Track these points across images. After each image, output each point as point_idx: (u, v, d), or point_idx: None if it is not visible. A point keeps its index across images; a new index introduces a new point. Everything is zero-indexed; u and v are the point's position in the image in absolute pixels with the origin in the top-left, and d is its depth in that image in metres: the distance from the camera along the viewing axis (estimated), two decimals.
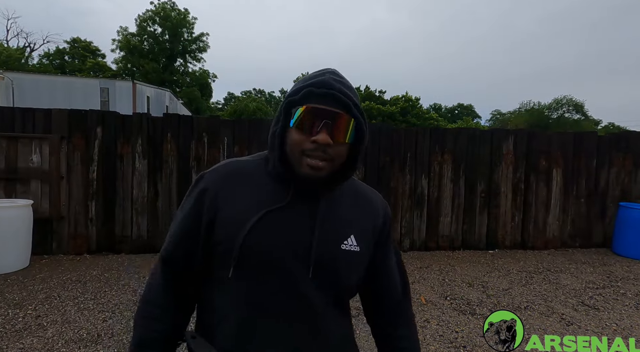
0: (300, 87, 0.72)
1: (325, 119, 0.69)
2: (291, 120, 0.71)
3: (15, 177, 4.27)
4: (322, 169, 0.71)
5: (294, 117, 0.71)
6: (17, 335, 2.62)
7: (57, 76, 18.23)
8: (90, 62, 30.41)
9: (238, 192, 0.76)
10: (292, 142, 0.72)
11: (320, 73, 0.75)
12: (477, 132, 5.30)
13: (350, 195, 0.83)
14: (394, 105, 32.77)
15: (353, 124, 0.72)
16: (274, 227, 0.73)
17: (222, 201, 0.75)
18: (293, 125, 0.71)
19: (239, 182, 0.78)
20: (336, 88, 0.71)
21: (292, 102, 0.72)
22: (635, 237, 4.91)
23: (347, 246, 0.77)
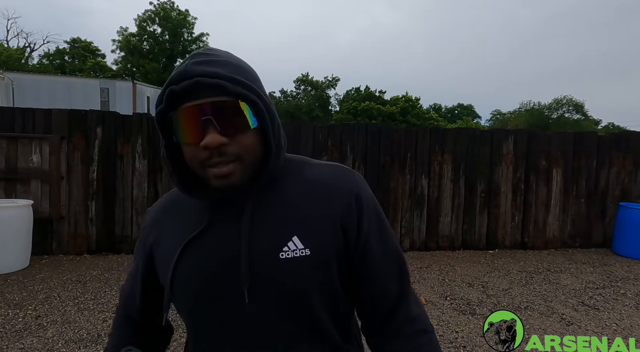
0: (161, 92, 0.57)
1: (204, 115, 0.54)
2: (174, 136, 0.58)
3: (15, 177, 4.27)
4: (232, 174, 0.57)
5: (174, 129, 0.57)
6: (17, 335, 2.62)
7: (57, 76, 18.24)
8: (90, 62, 30.42)
9: (167, 227, 0.69)
10: (187, 158, 0.59)
11: (180, 65, 0.58)
12: (477, 132, 5.30)
13: (297, 185, 0.65)
14: (394, 105, 32.78)
15: (242, 105, 0.56)
16: (197, 258, 0.61)
17: (154, 240, 0.69)
18: (177, 138, 0.57)
19: (169, 214, 0.70)
20: (198, 72, 0.54)
21: (162, 113, 0.57)
22: (635, 237, 4.90)
23: (288, 253, 0.59)
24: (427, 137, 5.11)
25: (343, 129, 5.00)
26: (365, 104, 31.96)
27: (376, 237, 0.67)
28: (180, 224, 0.67)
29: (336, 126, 5.08)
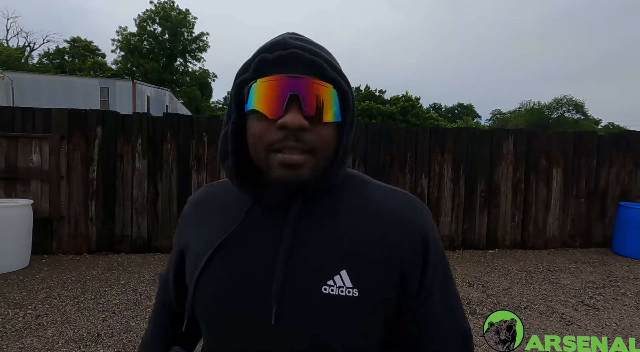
0: (250, 59, 0.52)
1: (292, 90, 0.47)
2: (246, 105, 0.50)
3: (15, 177, 4.27)
4: (302, 166, 0.48)
5: (250, 96, 0.49)
6: (17, 335, 2.62)
7: (57, 76, 18.23)
8: (89, 62, 30.41)
9: (202, 223, 0.61)
10: (252, 136, 0.50)
11: (275, 37, 0.54)
12: (477, 132, 5.29)
13: (356, 207, 0.55)
14: (394, 105, 32.77)
15: (334, 93, 0.50)
16: (225, 265, 0.54)
17: (186, 238, 0.64)
18: (249, 110, 0.50)
19: (206, 209, 0.63)
20: (296, 45, 0.49)
21: (244, 82, 0.51)
22: (635, 237, 4.90)
23: (332, 288, 0.49)
24: (427, 137, 5.11)
25: None
26: (365, 103, 31.96)
27: (441, 292, 0.55)
28: (217, 222, 0.58)
29: None
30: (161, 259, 4.41)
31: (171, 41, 31.79)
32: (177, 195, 4.64)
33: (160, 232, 4.63)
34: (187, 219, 0.66)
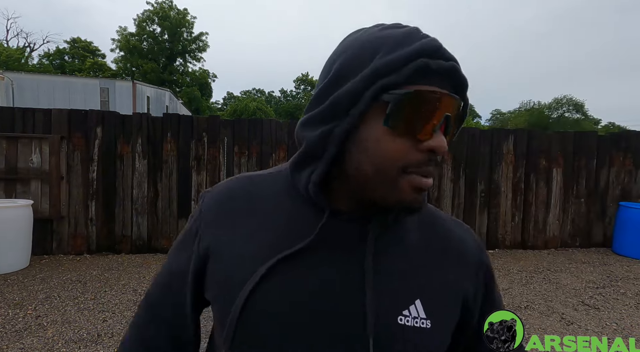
0: (399, 57, 0.41)
1: (447, 111, 0.42)
2: (386, 117, 0.41)
3: (15, 177, 4.27)
4: (427, 190, 0.45)
5: (394, 108, 0.41)
6: (17, 335, 2.62)
7: (57, 76, 18.22)
8: (89, 62, 30.42)
9: (240, 227, 0.50)
10: (384, 155, 0.42)
11: (408, 30, 0.44)
12: (477, 132, 5.29)
13: (425, 237, 0.52)
14: None
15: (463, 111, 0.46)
16: (292, 287, 0.46)
17: (215, 241, 0.51)
18: (391, 124, 0.41)
19: (243, 210, 0.51)
20: (454, 58, 0.43)
21: (390, 84, 0.41)
22: (635, 237, 4.91)
23: (408, 319, 0.46)
24: None
25: None
26: None
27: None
28: (264, 228, 0.49)
29: None
30: (161, 259, 4.41)
31: (170, 41, 31.81)
32: (177, 195, 4.64)
33: (160, 232, 4.63)
34: (215, 217, 0.52)
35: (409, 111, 0.40)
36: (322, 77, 0.47)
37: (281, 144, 4.82)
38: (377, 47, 0.42)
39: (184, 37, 32.46)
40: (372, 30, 0.45)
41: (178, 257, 0.55)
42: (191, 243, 0.53)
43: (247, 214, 0.51)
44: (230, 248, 0.49)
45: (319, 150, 0.45)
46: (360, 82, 0.41)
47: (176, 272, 0.55)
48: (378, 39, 0.43)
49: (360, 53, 0.43)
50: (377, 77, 0.41)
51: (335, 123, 0.43)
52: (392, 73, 0.40)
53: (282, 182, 0.52)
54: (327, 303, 0.45)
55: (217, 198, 0.54)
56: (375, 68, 0.41)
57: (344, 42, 0.47)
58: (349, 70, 0.43)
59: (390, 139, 0.41)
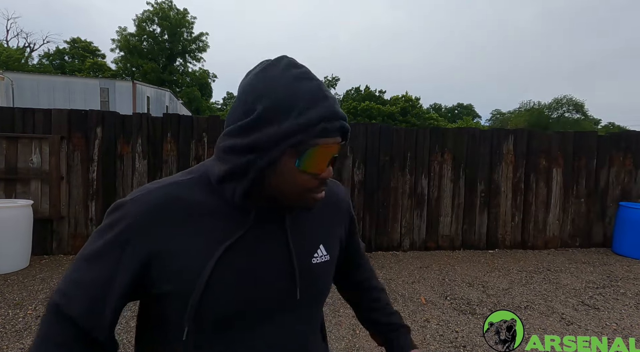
0: (306, 123, 0.57)
1: (335, 153, 0.62)
2: (297, 160, 0.59)
3: (15, 177, 4.27)
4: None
5: (302, 158, 0.59)
6: (17, 335, 2.62)
7: (57, 76, 18.23)
8: (89, 62, 30.42)
9: (177, 229, 0.61)
10: (292, 182, 0.60)
11: (313, 89, 0.59)
12: (477, 132, 5.29)
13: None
14: (394, 105, 32.79)
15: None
16: (240, 264, 0.62)
17: (158, 245, 0.60)
18: (301, 167, 0.59)
19: (176, 215, 0.61)
20: (342, 115, 0.61)
21: (301, 142, 0.57)
22: (635, 237, 4.91)
23: (317, 259, 0.71)
24: (427, 137, 5.11)
25: None
26: (365, 103, 31.97)
27: (357, 234, 0.90)
28: (202, 226, 0.62)
29: None
30: None
31: (170, 41, 31.81)
32: None
33: None
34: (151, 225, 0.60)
35: (313, 158, 0.59)
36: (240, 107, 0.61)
37: None
38: (292, 105, 0.57)
39: (184, 37, 32.46)
40: (286, 77, 0.59)
41: (96, 267, 0.60)
42: (118, 252, 0.59)
43: (181, 217, 0.62)
44: (176, 247, 0.60)
45: (243, 173, 0.60)
46: (280, 134, 0.57)
47: (94, 282, 0.60)
48: (292, 96, 0.57)
49: (279, 105, 0.57)
50: (293, 133, 0.57)
51: (257, 155, 0.58)
52: (304, 132, 0.57)
53: (205, 188, 0.65)
54: (266, 267, 0.65)
55: (146, 207, 0.61)
56: (291, 127, 0.57)
57: (261, 81, 0.60)
58: (270, 117, 0.57)
59: (299, 174, 0.60)
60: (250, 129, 0.58)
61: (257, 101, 0.58)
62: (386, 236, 5.05)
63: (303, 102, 0.57)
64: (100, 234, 0.61)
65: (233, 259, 0.61)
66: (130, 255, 0.59)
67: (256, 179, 0.60)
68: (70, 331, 0.60)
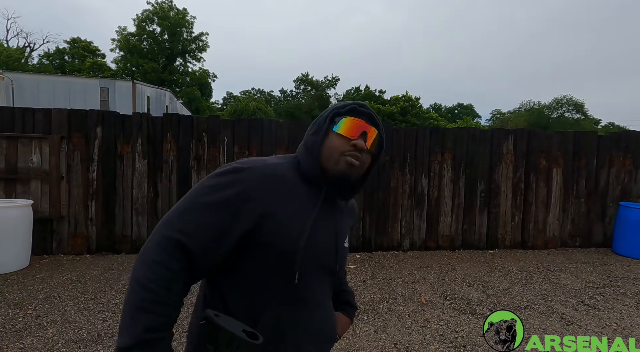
0: (344, 104, 0.88)
1: (364, 129, 0.85)
2: (335, 126, 0.85)
3: (15, 177, 4.27)
4: (356, 168, 0.84)
5: (338, 124, 0.85)
6: (17, 335, 2.62)
7: (57, 76, 18.21)
8: (89, 62, 30.40)
9: (281, 198, 0.80)
10: (332, 145, 0.84)
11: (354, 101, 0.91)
12: (477, 132, 5.29)
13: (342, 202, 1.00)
14: (394, 105, 32.77)
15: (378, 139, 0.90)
16: (319, 232, 0.84)
17: (268, 207, 0.78)
18: (337, 130, 0.85)
19: (280, 186, 0.81)
20: (371, 110, 0.89)
21: (338, 114, 0.87)
22: (635, 237, 4.91)
23: (346, 244, 0.97)
24: (427, 137, 5.11)
25: None
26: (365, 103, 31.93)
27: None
28: (296, 198, 0.83)
29: None
30: None
31: (170, 41, 31.78)
32: (177, 195, 4.63)
33: None
34: (263, 189, 0.78)
35: (344, 124, 0.85)
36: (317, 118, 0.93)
37: (281, 144, 4.82)
38: (335, 105, 0.91)
39: (184, 37, 32.43)
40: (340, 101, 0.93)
41: (219, 214, 0.74)
42: (240, 205, 0.76)
43: (282, 188, 0.81)
44: (280, 209, 0.79)
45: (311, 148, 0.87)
46: (326, 115, 0.89)
47: (212, 227, 0.74)
48: (337, 102, 0.92)
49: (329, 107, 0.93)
50: (332, 112, 0.89)
51: (318, 134, 0.88)
52: (340, 109, 0.88)
53: (294, 170, 0.87)
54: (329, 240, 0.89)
55: (261, 175, 0.79)
56: (331, 109, 0.90)
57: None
58: (322, 113, 0.92)
59: (337, 139, 0.85)
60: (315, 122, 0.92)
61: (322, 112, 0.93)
62: (386, 236, 5.05)
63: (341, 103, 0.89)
64: (221, 188, 0.76)
65: (316, 227, 0.83)
66: (251, 209, 0.76)
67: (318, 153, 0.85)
68: (185, 265, 0.71)
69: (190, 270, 0.72)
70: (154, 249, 0.71)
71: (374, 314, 3.12)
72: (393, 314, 3.13)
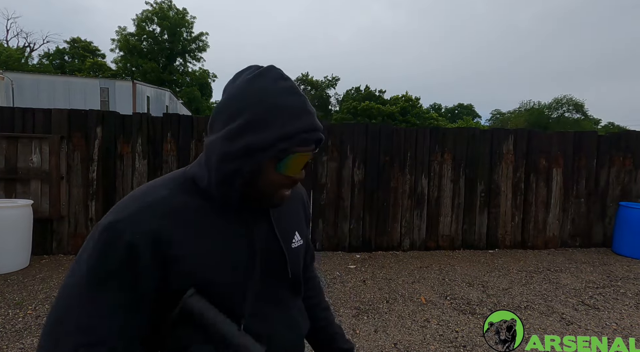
0: (291, 132, 0.64)
1: (310, 159, 0.71)
2: (279, 165, 0.67)
3: (15, 177, 4.27)
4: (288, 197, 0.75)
5: (284, 163, 0.67)
6: (17, 335, 2.62)
7: (57, 76, 18.22)
8: (89, 62, 30.40)
9: (188, 232, 0.66)
10: (270, 183, 0.68)
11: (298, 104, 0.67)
12: (477, 132, 5.29)
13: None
14: (394, 105, 32.78)
15: None
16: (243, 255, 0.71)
17: (172, 253, 0.64)
18: (282, 171, 0.68)
19: (181, 220, 0.66)
20: (320, 128, 0.68)
21: (284, 149, 0.65)
22: (635, 237, 4.91)
23: (295, 243, 0.82)
24: (427, 137, 5.11)
25: (343, 129, 5.00)
26: (365, 103, 31.96)
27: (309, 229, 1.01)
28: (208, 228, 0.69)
29: (336, 126, 5.07)
30: None
31: (170, 41, 31.76)
32: None
33: None
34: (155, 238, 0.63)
35: (292, 163, 0.67)
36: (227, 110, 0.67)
37: None
38: (278, 116, 0.64)
39: (184, 37, 32.42)
40: (274, 89, 0.66)
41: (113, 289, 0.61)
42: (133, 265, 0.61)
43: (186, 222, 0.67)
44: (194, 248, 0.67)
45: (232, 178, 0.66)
46: (267, 142, 0.63)
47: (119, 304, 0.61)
48: (276, 109, 0.64)
49: (266, 116, 0.64)
50: (277, 141, 0.64)
51: (244, 161, 0.65)
52: (287, 141, 0.64)
53: (184, 191, 0.70)
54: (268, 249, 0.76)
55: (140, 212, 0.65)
56: (276, 136, 0.63)
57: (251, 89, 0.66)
58: (257, 126, 0.64)
59: (277, 176, 0.68)
60: (237, 135, 0.64)
61: (245, 108, 0.64)
62: (386, 236, 5.05)
63: (287, 115, 0.65)
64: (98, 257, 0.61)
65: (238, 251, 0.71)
66: (150, 268, 0.62)
67: (243, 182, 0.67)
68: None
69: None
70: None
71: (374, 314, 3.12)
72: (393, 314, 3.13)
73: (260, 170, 0.66)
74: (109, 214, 0.64)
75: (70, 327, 0.58)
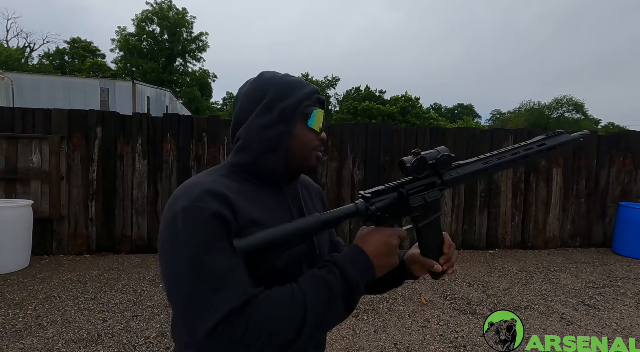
0: (309, 92, 0.78)
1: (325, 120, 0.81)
2: (309, 120, 0.77)
3: (15, 177, 4.27)
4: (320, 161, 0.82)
5: (312, 117, 0.78)
6: (17, 335, 2.62)
7: (57, 76, 18.22)
8: (89, 62, 30.40)
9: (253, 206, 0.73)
10: (305, 140, 0.78)
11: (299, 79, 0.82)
12: (477, 132, 5.29)
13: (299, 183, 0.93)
14: (393, 105, 32.77)
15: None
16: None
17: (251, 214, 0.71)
18: (312, 125, 0.78)
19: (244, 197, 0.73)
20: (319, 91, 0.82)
21: (309, 105, 0.78)
22: (635, 237, 4.91)
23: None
24: (427, 137, 5.11)
25: (343, 129, 5.00)
26: (365, 103, 31.95)
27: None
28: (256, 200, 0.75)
29: (336, 126, 5.07)
30: None
31: (170, 41, 31.75)
32: None
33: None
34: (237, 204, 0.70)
35: (317, 118, 0.78)
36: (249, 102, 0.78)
37: None
38: (293, 86, 0.78)
39: (184, 37, 32.41)
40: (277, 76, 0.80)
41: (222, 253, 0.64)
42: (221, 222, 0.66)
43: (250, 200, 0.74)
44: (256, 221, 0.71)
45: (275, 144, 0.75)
46: (295, 102, 0.76)
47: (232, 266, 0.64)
48: (289, 82, 0.78)
49: (284, 88, 0.77)
50: (302, 101, 0.77)
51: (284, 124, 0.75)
52: (308, 99, 0.78)
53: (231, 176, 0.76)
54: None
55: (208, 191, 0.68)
56: (300, 97, 0.77)
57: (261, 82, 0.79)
58: (281, 96, 0.76)
59: (309, 133, 0.78)
60: (270, 108, 0.75)
61: (266, 90, 0.76)
62: None
63: (298, 84, 0.78)
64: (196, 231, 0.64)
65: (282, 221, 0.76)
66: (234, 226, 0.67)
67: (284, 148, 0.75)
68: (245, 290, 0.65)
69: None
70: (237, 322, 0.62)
71: (374, 314, 3.12)
72: (393, 314, 3.13)
73: (295, 131, 0.76)
74: (180, 201, 0.66)
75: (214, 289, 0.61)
